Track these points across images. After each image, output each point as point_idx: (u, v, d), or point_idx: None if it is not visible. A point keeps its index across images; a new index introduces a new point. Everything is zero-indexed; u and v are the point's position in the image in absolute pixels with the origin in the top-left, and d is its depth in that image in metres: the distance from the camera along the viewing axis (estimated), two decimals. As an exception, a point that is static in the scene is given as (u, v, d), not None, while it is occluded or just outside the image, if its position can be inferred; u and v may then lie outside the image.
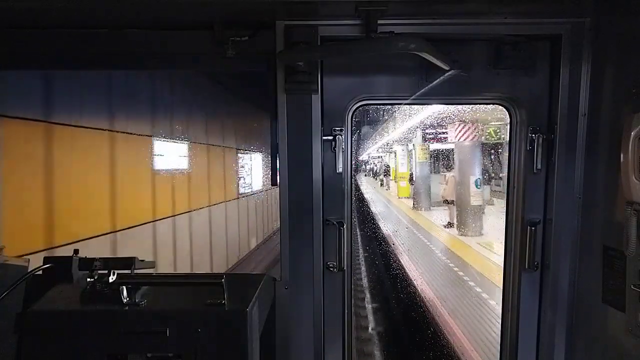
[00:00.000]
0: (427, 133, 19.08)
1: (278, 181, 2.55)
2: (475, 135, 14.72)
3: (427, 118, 16.69)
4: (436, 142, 19.41)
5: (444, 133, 17.77)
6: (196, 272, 10.84)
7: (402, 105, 14.88)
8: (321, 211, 2.62)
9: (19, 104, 6.11)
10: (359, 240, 15.54)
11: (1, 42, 2.52)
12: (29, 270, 2.18)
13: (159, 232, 9.97)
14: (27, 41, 2.55)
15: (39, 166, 6.59)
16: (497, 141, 16.15)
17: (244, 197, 16.61)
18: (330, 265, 2.68)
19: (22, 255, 2.31)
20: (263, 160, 18.32)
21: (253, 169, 17.55)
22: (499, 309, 3.01)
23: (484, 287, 9.43)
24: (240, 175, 16.18)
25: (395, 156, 27.61)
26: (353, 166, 2.82)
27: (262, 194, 18.79)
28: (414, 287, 9.92)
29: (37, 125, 6.50)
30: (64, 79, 6.91)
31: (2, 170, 5.81)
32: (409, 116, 16.73)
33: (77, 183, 7.38)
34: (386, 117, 20.86)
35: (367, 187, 34.18)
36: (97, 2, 2.26)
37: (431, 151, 20.45)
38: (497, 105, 2.74)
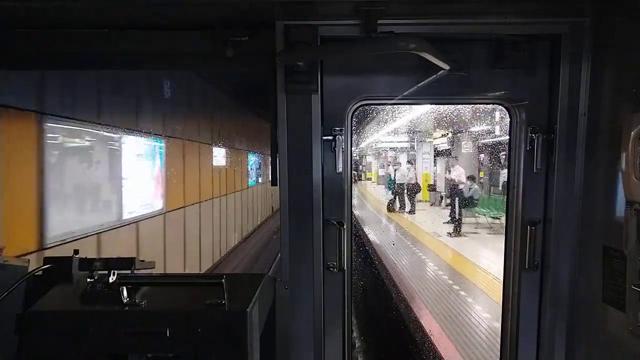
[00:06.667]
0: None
1: (278, 181, 2.55)
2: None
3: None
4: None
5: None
6: (196, 273, 11.00)
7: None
8: (321, 211, 2.61)
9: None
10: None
11: (1, 42, 2.52)
12: (29, 271, 2.18)
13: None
14: (27, 41, 2.54)
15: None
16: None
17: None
18: (330, 266, 2.68)
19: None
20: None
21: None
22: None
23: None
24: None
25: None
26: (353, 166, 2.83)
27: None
28: None
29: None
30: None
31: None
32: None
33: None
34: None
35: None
36: (97, 2, 2.26)
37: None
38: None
